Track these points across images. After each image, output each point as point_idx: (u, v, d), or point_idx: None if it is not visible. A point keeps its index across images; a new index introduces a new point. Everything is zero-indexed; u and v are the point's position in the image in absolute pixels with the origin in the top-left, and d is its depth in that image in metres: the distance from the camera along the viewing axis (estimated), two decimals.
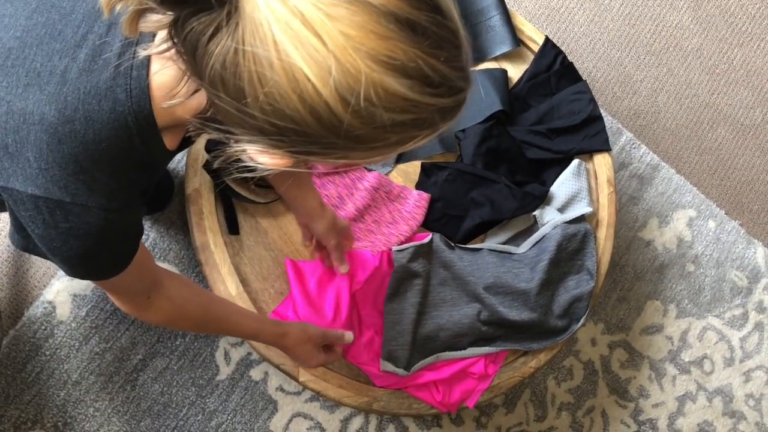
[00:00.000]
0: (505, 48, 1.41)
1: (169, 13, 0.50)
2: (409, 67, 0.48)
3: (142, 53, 0.58)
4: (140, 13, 0.51)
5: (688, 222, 1.65)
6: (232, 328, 1.03)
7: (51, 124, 0.61)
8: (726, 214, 1.67)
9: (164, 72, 0.61)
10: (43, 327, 1.36)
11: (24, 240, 0.74)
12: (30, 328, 1.36)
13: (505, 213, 1.32)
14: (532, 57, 1.43)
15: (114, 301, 0.87)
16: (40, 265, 1.38)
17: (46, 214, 0.63)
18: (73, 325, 1.36)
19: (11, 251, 1.39)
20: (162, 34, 0.55)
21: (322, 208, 1.16)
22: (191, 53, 0.51)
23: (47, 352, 1.36)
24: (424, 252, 1.28)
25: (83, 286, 1.38)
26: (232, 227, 1.27)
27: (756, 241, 1.67)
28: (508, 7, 1.42)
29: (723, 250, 1.65)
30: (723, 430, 1.58)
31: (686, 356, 1.59)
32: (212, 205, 1.26)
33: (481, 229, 1.34)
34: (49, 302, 1.36)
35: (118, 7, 0.50)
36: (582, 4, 1.73)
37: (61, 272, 1.38)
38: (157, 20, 0.51)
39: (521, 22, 1.43)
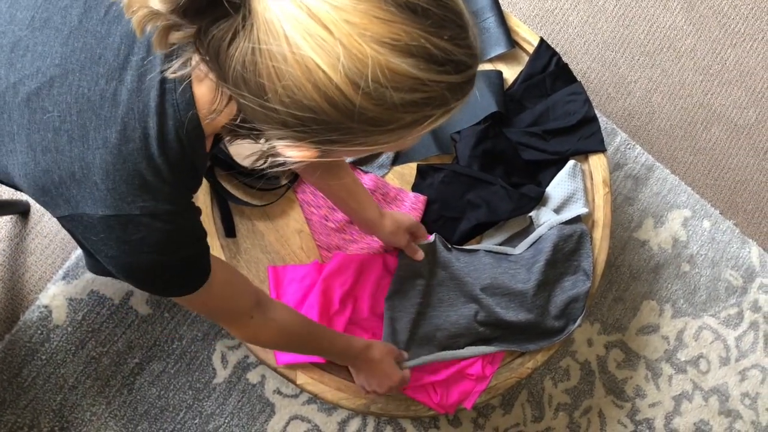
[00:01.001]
0: (500, 49, 1.41)
1: (192, 25, 0.54)
2: (412, 47, 0.51)
3: (177, 73, 0.61)
4: (168, 29, 0.54)
5: (683, 222, 1.66)
6: (326, 345, 1.07)
7: (114, 146, 0.64)
8: (720, 213, 1.68)
9: (205, 82, 0.64)
10: (39, 331, 1.35)
11: (103, 265, 0.75)
12: (26, 333, 1.35)
13: (502, 214, 1.32)
14: (527, 58, 1.43)
15: (224, 327, 0.92)
16: (36, 269, 1.38)
17: (119, 231, 0.66)
18: (69, 329, 1.36)
19: (6, 255, 1.38)
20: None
21: (381, 217, 1.19)
22: (215, 59, 0.55)
23: (43, 357, 1.35)
24: (429, 251, 1.28)
25: (79, 290, 1.37)
26: (228, 230, 1.27)
27: (750, 240, 1.68)
28: (502, 8, 1.42)
29: (718, 250, 1.66)
30: (719, 429, 1.59)
31: (682, 356, 1.60)
32: (209, 208, 1.26)
33: (478, 231, 1.34)
34: (45, 306, 1.36)
35: (148, 27, 0.53)
36: (576, 6, 1.74)
37: (57, 276, 1.37)
38: (183, 33, 0.54)
39: (516, 23, 1.43)
